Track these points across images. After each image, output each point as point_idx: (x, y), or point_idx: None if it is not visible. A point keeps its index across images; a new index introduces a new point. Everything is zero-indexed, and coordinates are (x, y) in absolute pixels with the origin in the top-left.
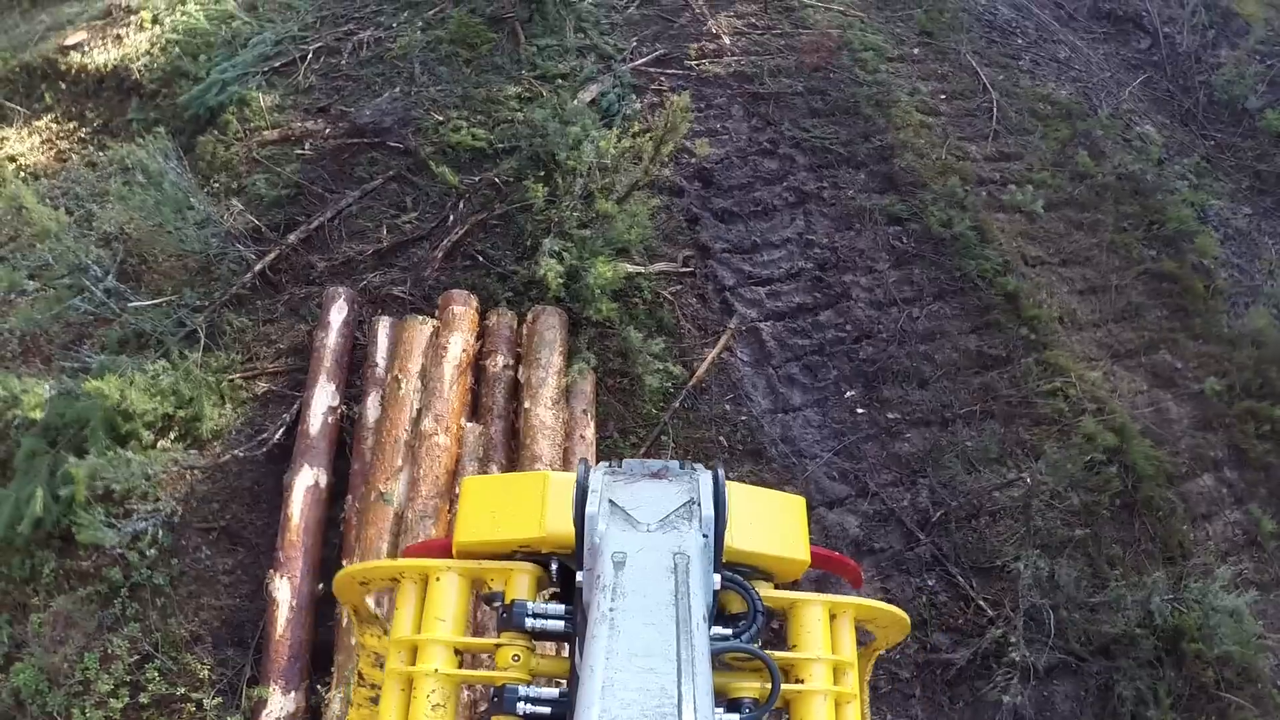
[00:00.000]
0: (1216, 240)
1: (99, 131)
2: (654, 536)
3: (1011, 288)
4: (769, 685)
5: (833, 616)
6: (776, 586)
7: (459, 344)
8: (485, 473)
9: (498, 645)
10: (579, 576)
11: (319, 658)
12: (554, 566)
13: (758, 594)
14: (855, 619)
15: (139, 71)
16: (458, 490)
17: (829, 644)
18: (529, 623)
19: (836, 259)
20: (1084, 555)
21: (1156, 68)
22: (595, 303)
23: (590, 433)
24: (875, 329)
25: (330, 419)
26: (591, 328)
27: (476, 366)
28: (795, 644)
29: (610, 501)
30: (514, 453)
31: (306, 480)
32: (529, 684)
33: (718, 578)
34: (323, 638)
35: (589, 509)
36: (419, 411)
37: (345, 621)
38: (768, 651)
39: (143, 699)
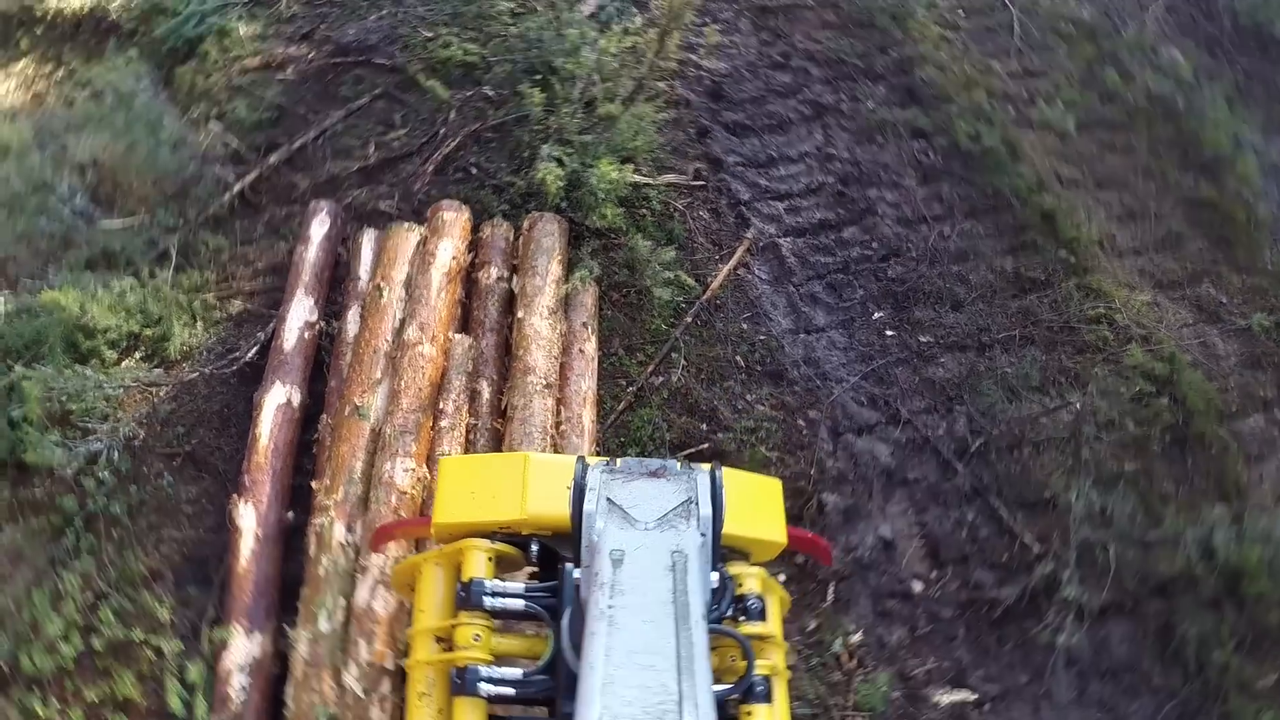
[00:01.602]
0: (1257, 168)
1: (76, 72)
2: (652, 535)
3: (1048, 206)
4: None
5: None
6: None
7: (448, 250)
8: (474, 389)
9: (454, 625)
10: (578, 574)
11: (289, 596)
12: (534, 548)
13: (729, 574)
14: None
15: (116, 11)
16: (441, 407)
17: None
18: (488, 602)
19: (859, 173)
20: (1135, 490)
21: None
22: (599, 208)
23: (591, 348)
24: (904, 247)
25: (307, 334)
26: (595, 238)
27: (468, 279)
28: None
29: (608, 500)
30: (506, 368)
31: (278, 398)
32: (490, 664)
33: (715, 575)
34: (293, 574)
35: (587, 507)
36: (402, 321)
37: (313, 549)
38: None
39: (97, 643)
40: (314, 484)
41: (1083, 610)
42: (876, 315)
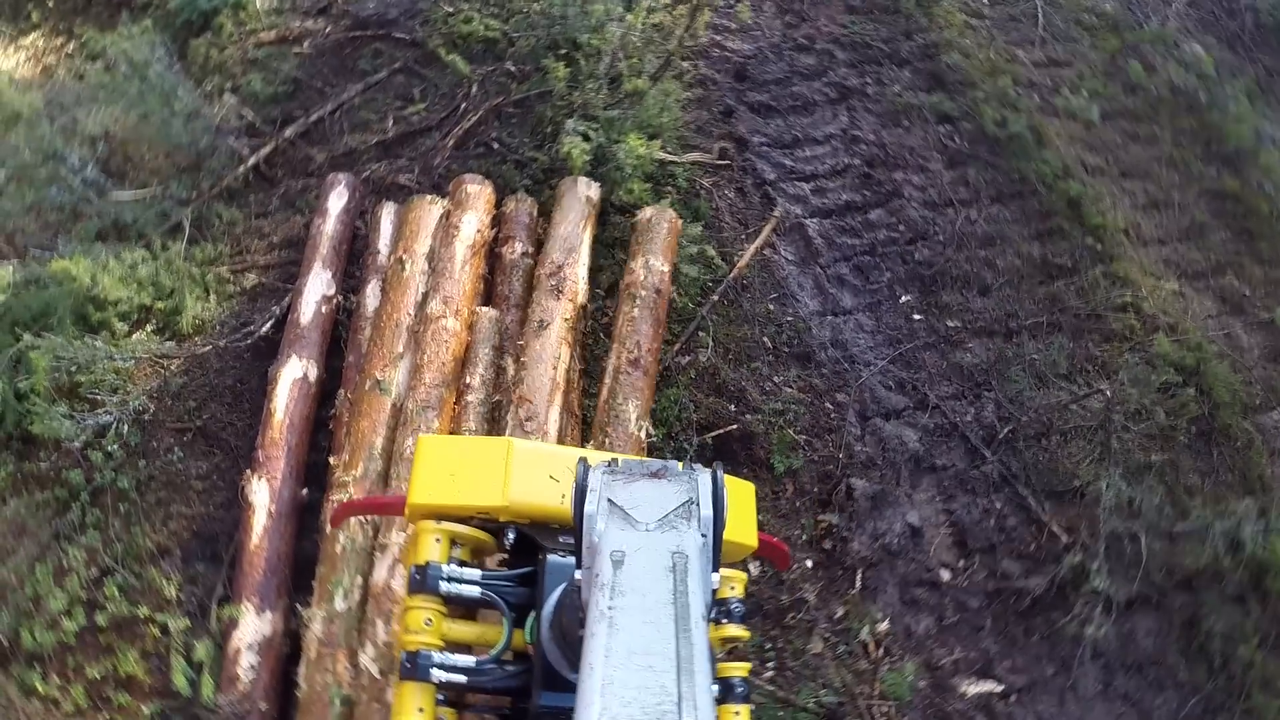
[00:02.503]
0: (1278, 161)
1: (88, 44)
2: (653, 536)
3: (1074, 193)
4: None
5: None
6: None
7: (473, 224)
8: (500, 365)
9: (407, 609)
10: (580, 573)
11: (301, 575)
12: (510, 536)
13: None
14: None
15: None
16: (466, 381)
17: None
18: (443, 586)
19: (885, 156)
20: (1162, 482)
21: None
22: (626, 183)
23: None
24: (930, 230)
25: (324, 309)
26: (619, 214)
27: (492, 254)
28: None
29: (609, 500)
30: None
31: (294, 372)
32: (443, 650)
33: (716, 576)
34: (306, 552)
35: (587, 508)
36: (425, 295)
37: (329, 529)
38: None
39: (100, 619)
40: (332, 460)
41: (1110, 602)
42: (904, 298)
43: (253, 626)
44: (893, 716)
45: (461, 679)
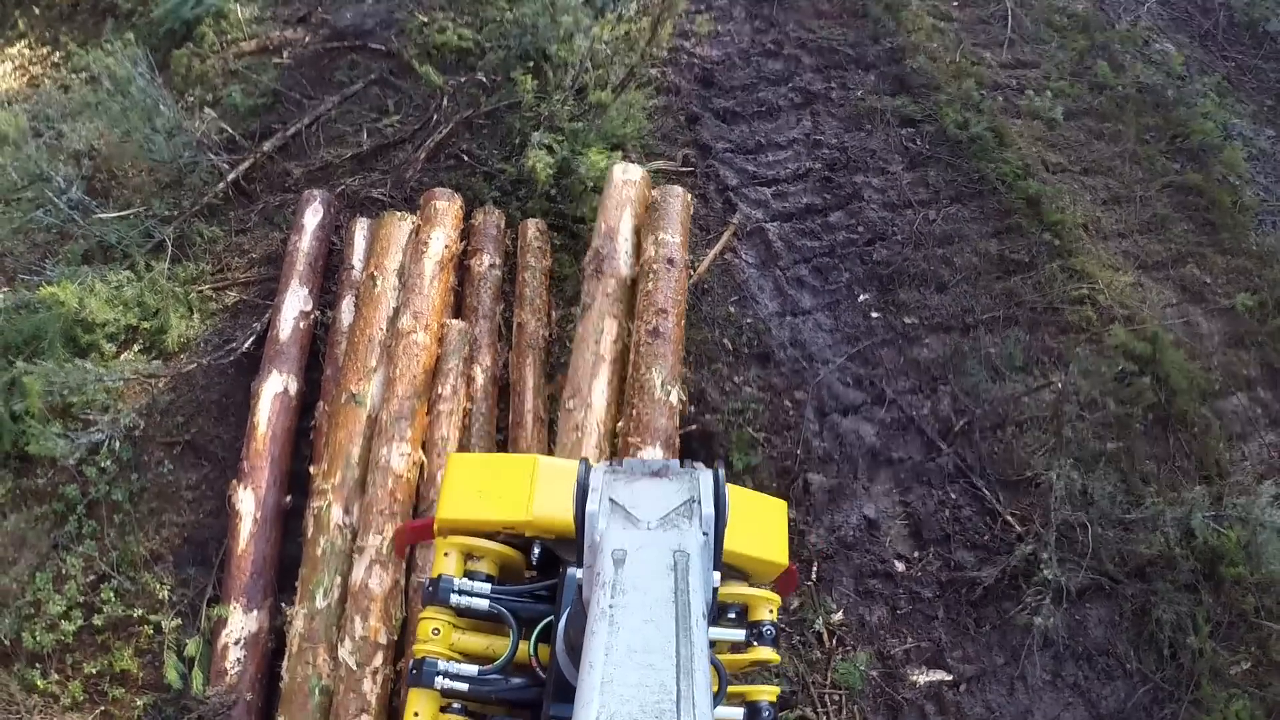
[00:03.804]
0: (1243, 155)
1: (72, 56)
2: (654, 534)
3: (1033, 191)
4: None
5: None
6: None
7: (441, 239)
8: (469, 373)
9: (420, 619)
10: (579, 573)
11: (285, 575)
12: (536, 551)
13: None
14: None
15: None
16: (437, 392)
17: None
18: (454, 599)
19: (846, 159)
20: (1116, 470)
21: None
22: (587, 199)
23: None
24: (889, 231)
25: (302, 324)
26: (580, 224)
27: (461, 267)
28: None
29: (611, 500)
30: (500, 354)
31: (275, 386)
32: (449, 659)
33: (717, 575)
34: (289, 555)
35: (589, 507)
36: (396, 310)
37: (311, 531)
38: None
39: (97, 621)
40: (312, 469)
41: (1061, 591)
42: (862, 298)
43: (240, 624)
44: (844, 705)
45: (464, 687)
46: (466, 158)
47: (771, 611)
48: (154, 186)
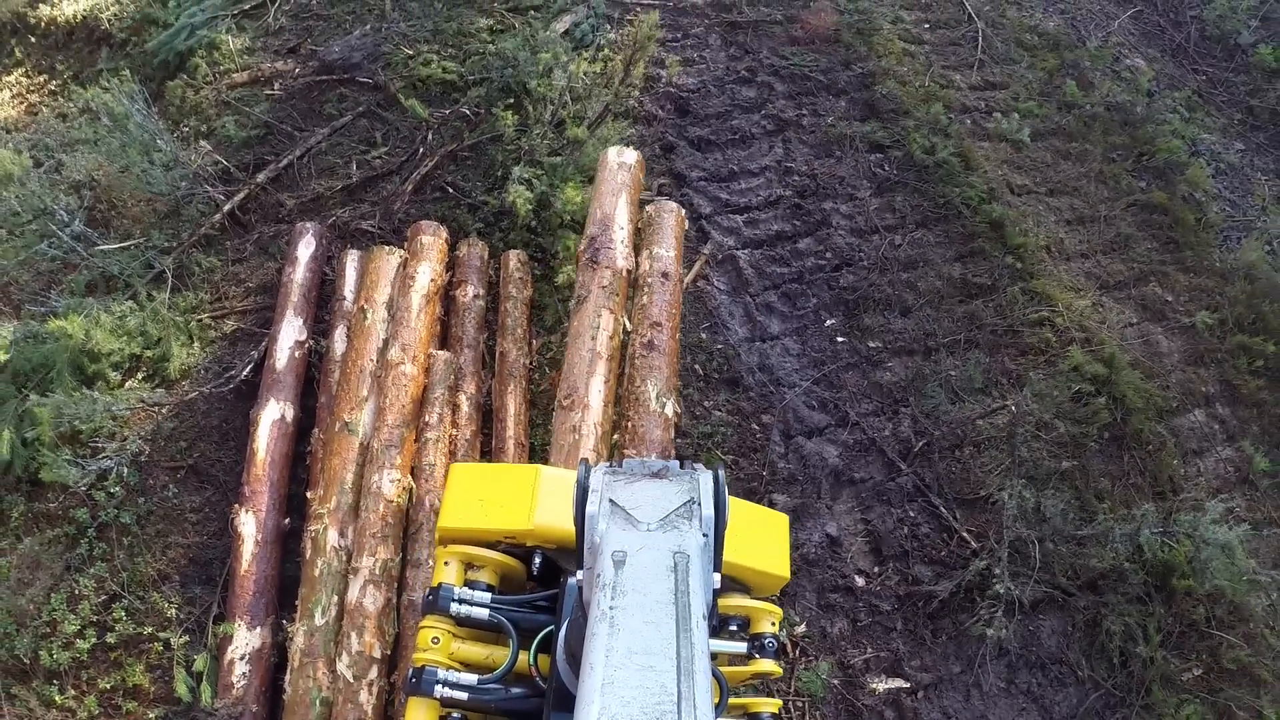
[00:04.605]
0: (1208, 172)
1: (69, 84)
2: (654, 536)
3: (997, 215)
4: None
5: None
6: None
7: (427, 273)
8: (454, 401)
9: (419, 628)
10: (579, 575)
11: (285, 593)
12: (537, 560)
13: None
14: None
15: (108, 21)
16: (425, 420)
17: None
18: (454, 608)
19: (816, 186)
20: (1071, 488)
21: (1147, 1)
22: (562, 238)
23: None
24: (856, 256)
25: (297, 353)
26: (554, 258)
27: (446, 297)
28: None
29: (611, 501)
30: (484, 381)
31: (273, 414)
32: (449, 668)
33: (718, 577)
34: (289, 573)
35: (589, 508)
36: (385, 341)
37: (309, 553)
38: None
39: (110, 639)
40: (309, 494)
41: (1014, 604)
42: (828, 322)
43: (244, 641)
44: (807, 711)
45: (463, 696)
46: (451, 190)
47: (774, 624)
48: (153, 217)
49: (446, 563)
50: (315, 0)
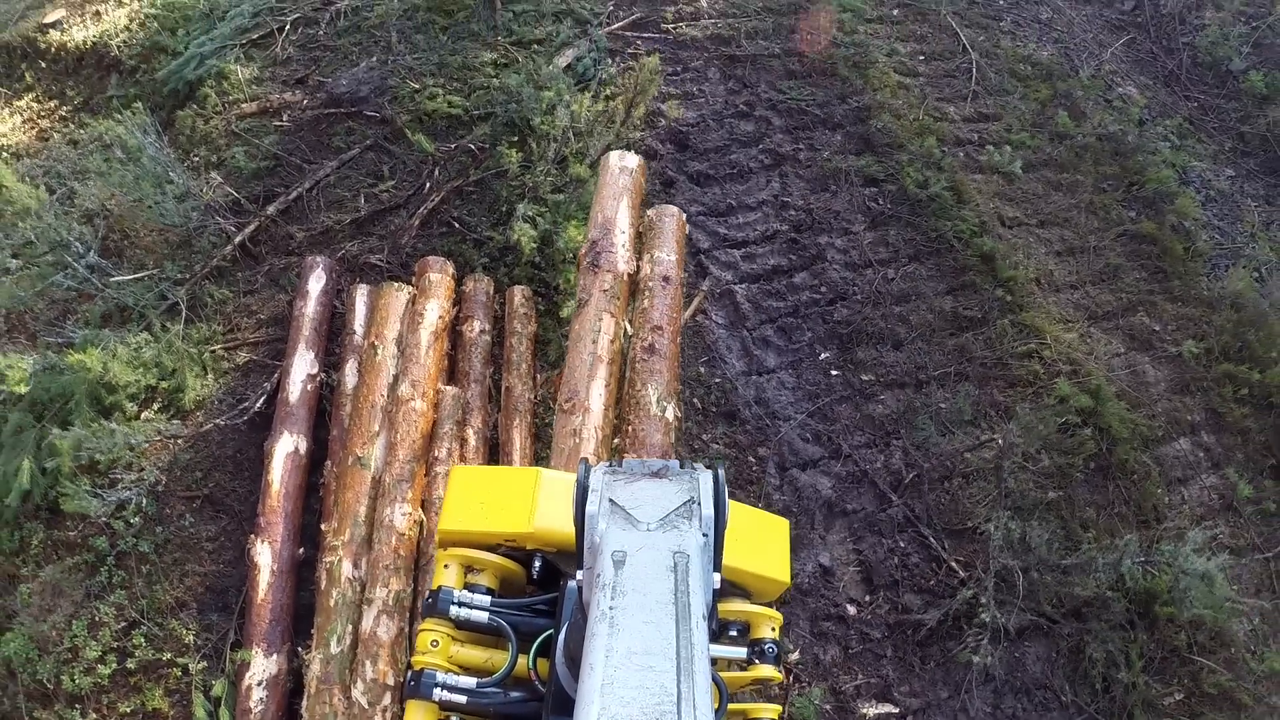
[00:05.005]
0: (1197, 202)
1: (80, 109)
2: (654, 535)
3: (988, 249)
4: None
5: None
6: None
7: (435, 311)
8: (462, 435)
9: (419, 631)
10: (580, 575)
11: (300, 620)
12: (537, 564)
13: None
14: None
15: (118, 48)
16: (434, 454)
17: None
18: (454, 611)
19: (812, 220)
20: (1057, 517)
21: (1140, 29)
22: (564, 273)
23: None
24: (850, 291)
25: (309, 386)
26: (557, 293)
27: (453, 332)
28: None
29: (610, 500)
30: (490, 415)
31: (287, 447)
32: (448, 672)
33: (718, 577)
34: (305, 601)
35: (589, 508)
36: (395, 377)
37: (324, 584)
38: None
39: (130, 664)
40: (323, 526)
41: (1000, 631)
42: (823, 356)
43: (261, 667)
44: None
45: (462, 700)
46: (457, 225)
47: (774, 629)
48: (165, 247)
49: (446, 565)
50: (322, 31)
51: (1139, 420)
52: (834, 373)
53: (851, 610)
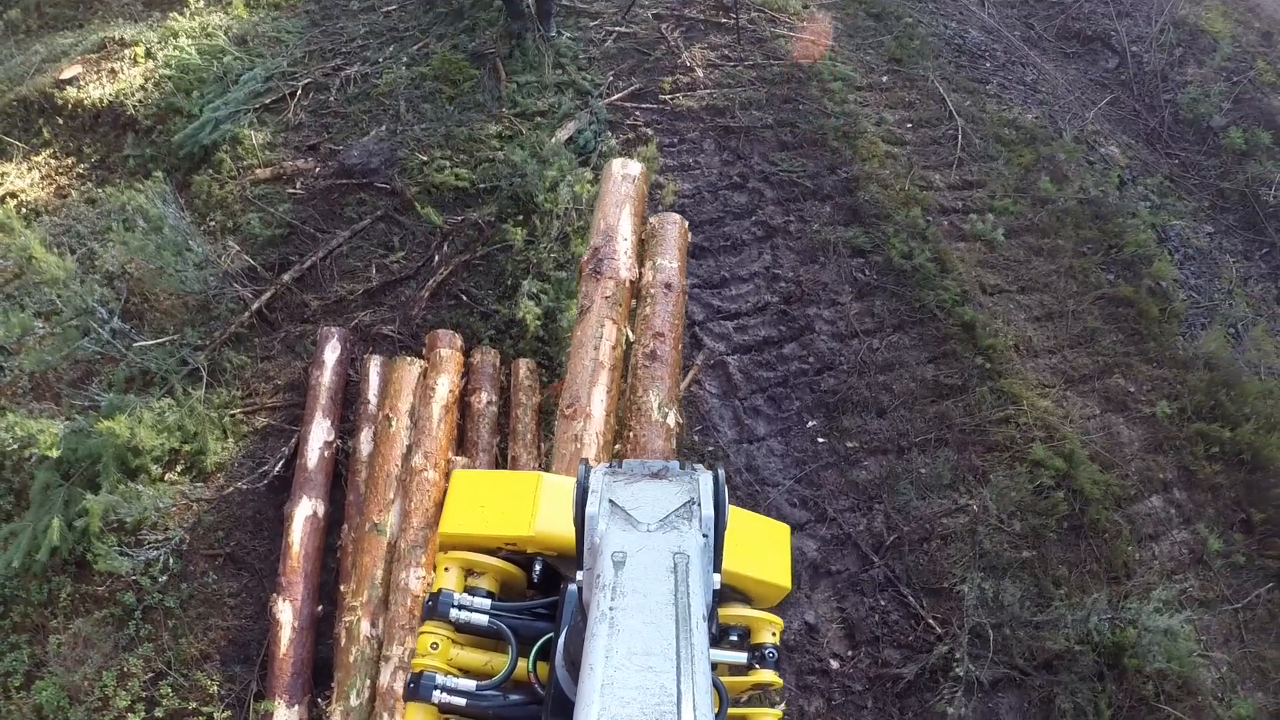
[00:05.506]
0: (1175, 261)
1: (96, 167)
2: (654, 536)
3: (969, 318)
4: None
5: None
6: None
7: (445, 385)
8: None
9: (419, 633)
10: (580, 576)
11: (319, 674)
12: (537, 568)
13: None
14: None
15: (134, 107)
16: None
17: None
18: (454, 614)
19: (801, 292)
20: (1030, 575)
21: (1124, 87)
22: (566, 346)
23: None
24: (837, 360)
25: (326, 453)
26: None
27: (462, 402)
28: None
29: (610, 501)
30: None
31: (305, 510)
32: (447, 674)
33: (718, 578)
34: (322, 655)
35: (589, 509)
36: (409, 448)
37: (344, 641)
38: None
39: (158, 713)
40: (342, 587)
41: (974, 683)
42: (810, 424)
43: (283, 717)
44: None
45: (461, 702)
46: (465, 297)
47: (774, 634)
48: (184, 312)
49: (447, 569)
50: (333, 97)
51: (1111, 480)
52: (820, 440)
53: (835, 664)
